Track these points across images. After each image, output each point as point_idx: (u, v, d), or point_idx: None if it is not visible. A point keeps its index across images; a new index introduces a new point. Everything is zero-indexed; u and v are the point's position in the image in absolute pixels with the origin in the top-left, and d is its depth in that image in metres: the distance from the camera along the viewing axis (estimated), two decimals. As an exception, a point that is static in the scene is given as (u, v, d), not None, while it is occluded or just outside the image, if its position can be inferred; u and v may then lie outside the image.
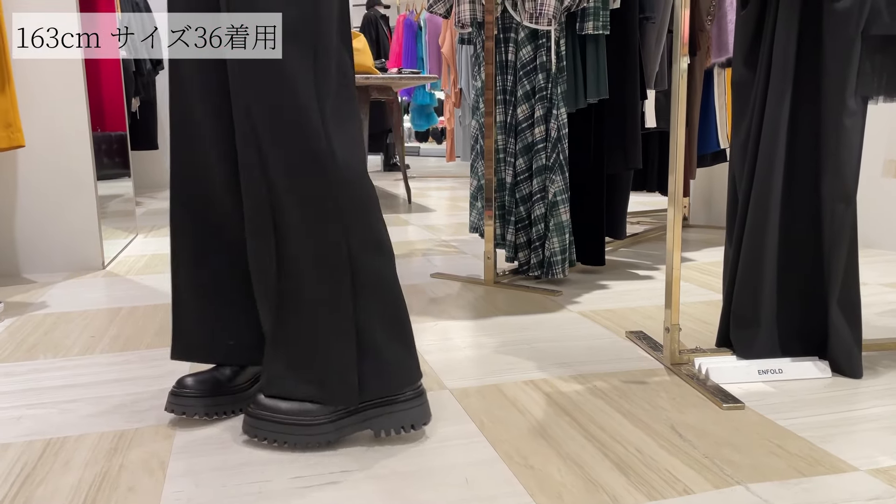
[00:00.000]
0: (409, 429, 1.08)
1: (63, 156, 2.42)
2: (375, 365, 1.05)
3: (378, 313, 1.05)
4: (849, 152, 1.25)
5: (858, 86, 1.23)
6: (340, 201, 1.03)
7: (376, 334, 1.05)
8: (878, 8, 1.19)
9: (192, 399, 1.16)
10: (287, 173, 1.01)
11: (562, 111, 2.09)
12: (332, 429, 1.05)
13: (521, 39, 2.09)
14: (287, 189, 1.01)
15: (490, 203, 2.16)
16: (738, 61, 1.44)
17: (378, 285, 1.06)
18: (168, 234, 3.24)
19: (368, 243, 1.05)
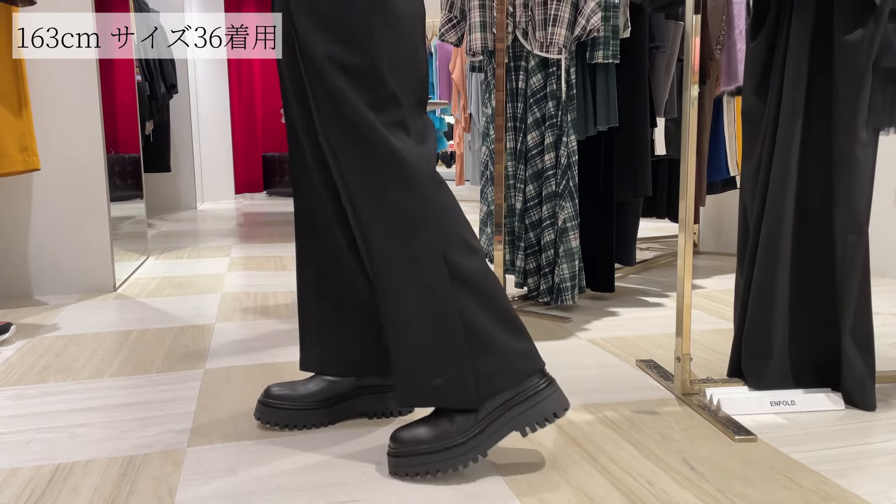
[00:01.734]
0: (552, 419, 1.07)
1: (77, 178, 2.45)
2: (493, 359, 1.06)
3: (483, 307, 1.06)
4: (860, 184, 1.25)
5: (870, 118, 1.23)
6: (428, 211, 1.05)
7: (487, 328, 1.05)
8: (889, 41, 1.19)
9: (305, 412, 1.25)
10: (366, 190, 1.04)
11: (572, 138, 2.10)
12: (473, 445, 1.05)
13: (532, 68, 2.11)
14: (373, 205, 1.04)
15: (500, 228, 2.16)
16: (748, 91, 1.45)
17: (476, 281, 1.06)
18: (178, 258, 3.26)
19: (460, 246, 1.07)
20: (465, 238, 1.07)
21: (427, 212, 1.04)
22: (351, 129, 1.02)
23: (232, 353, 1.75)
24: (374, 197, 1.04)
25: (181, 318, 2.10)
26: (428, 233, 1.04)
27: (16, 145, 2.17)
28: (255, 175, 8.09)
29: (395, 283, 1.05)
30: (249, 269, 2.97)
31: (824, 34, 1.27)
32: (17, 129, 2.17)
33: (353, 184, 1.04)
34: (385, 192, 1.03)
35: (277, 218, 5.34)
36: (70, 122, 2.43)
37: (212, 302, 2.33)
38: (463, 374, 1.04)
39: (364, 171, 1.03)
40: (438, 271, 1.03)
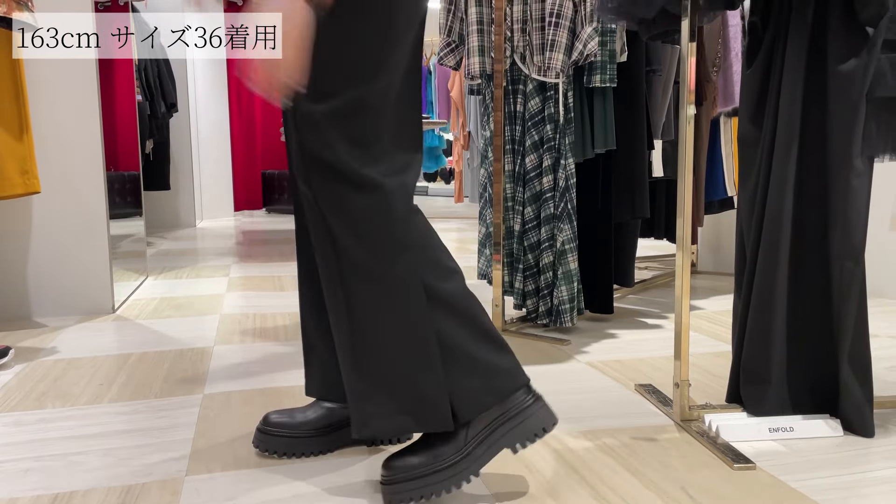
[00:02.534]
0: (541, 434, 1.08)
1: (77, 200, 2.46)
2: (477, 377, 1.06)
3: (462, 326, 1.06)
4: (856, 212, 1.26)
5: (864, 146, 1.24)
6: (407, 237, 1.05)
7: (467, 347, 1.06)
8: (882, 70, 1.21)
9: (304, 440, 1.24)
10: (338, 212, 1.04)
11: (570, 161, 2.11)
12: (464, 466, 1.05)
13: (530, 91, 2.13)
14: (346, 228, 1.04)
15: (498, 247, 2.17)
16: (744, 118, 1.46)
17: (454, 302, 1.06)
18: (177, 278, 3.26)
19: (438, 270, 1.07)
20: (442, 261, 1.07)
21: (406, 237, 1.05)
22: (326, 161, 1.02)
23: (231, 377, 1.75)
24: (352, 224, 1.04)
25: (180, 341, 2.10)
26: (406, 257, 1.04)
27: (16, 168, 2.18)
28: (254, 192, 8.10)
29: (368, 305, 1.05)
30: (248, 290, 2.97)
31: (818, 63, 1.28)
32: (18, 153, 2.18)
33: (330, 212, 1.04)
34: (365, 220, 1.03)
35: (276, 236, 5.35)
36: (70, 144, 2.44)
37: (210, 324, 2.33)
38: (435, 395, 1.04)
39: (340, 200, 1.03)
40: (415, 294, 1.03)
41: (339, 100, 1.02)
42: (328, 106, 1.01)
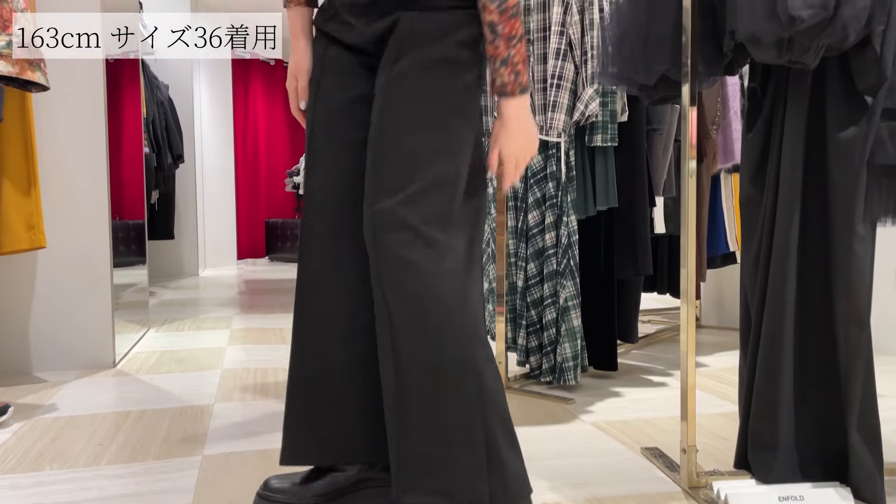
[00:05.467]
0: None
1: (81, 253, 2.47)
2: (501, 478, 1.07)
3: (498, 422, 1.08)
4: (860, 277, 1.26)
5: (866, 212, 1.25)
6: (462, 322, 1.08)
7: (500, 445, 1.07)
8: (882, 138, 1.22)
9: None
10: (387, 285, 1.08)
11: (572, 218, 2.12)
12: None
13: (532, 149, 2.15)
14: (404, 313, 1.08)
15: (501, 299, 2.16)
16: (745, 180, 1.48)
17: (493, 390, 1.09)
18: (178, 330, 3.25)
19: (483, 353, 1.10)
20: (485, 341, 1.10)
21: (461, 322, 1.07)
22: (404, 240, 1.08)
23: (230, 437, 1.72)
24: (410, 307, 1.07)
25: (180, 398, 2.08)
26: (460, 341, 1.06)
27: (23, 224, 2.20)
28: (257, 240, 8.15)
29: (423, 388, 1.06)
30: (249, 343, 2.95)
31: (818, 127, 1.30)
32: (25, 208, 2.20)
33: (390, 292, 1.07)
34: (422, 305, 1.06)
35: (279, 286, 5.35)
36: (77, 198, 2.46)
37: (211, 379, 2.31)
38: (481, 486, 1.05)
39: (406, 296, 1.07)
40: (469, 381, 1.06)
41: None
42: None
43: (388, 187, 1.09)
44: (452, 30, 1.13)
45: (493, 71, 1.17)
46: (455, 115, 1.15)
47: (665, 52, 1.44)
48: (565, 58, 2.04)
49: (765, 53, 1.21)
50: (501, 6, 1.12)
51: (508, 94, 1.17)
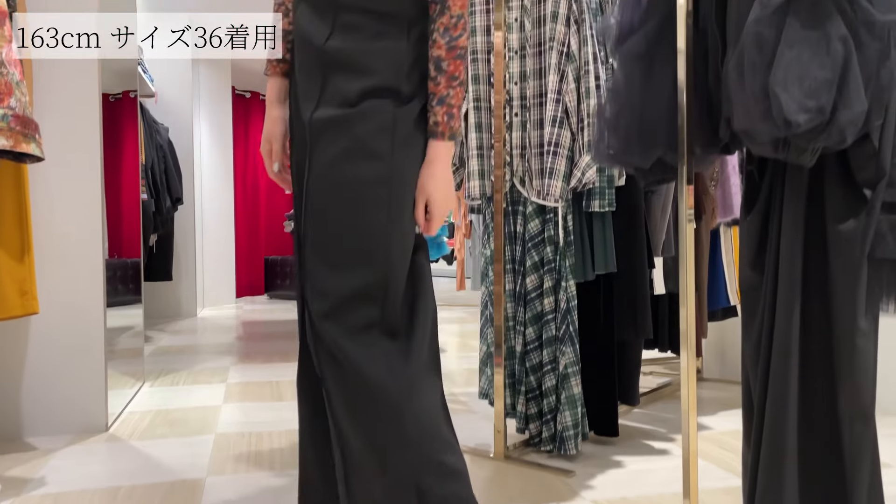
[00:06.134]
0: None
1: (74, 315, 2.44)
2: None
3: None
4: (863, 373, 1.23)
5: (868, 306, 1.23)
6: (404, 435, 1.04)
7: None
8: (882, 232, 1.20)
9: None
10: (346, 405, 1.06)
11: (570, 283, 2.10)
12: None
13: (530, 213, 2.14)
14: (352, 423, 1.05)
15: (500, 367, 2.13)
16: (744, 265, 1.45)
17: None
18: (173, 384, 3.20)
19: (436, 471, 1.05)
20: (442, 461, 1.04)
21: (403, 435, 1.02)
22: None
23: (222, 519, 1.68)
24: (351, 415, 1.03)
25: (171, 470, 2.04)
26: (404, 456, 1.02)
27: (15, 290, 2.18)
28: (256, 278, 8.12)
29: (365, 497, 1.02)
30: (246, 400, 2.91)
31: (817, 215, 1.28)
32: (18, 274, 2.18)
33: (335, 398, 1.04)
34: (363, 413, 1.03)
35: (277, 328, 5.31)
36: (71, 259, 2.44)
37: (205, 447, 2.27)
38: None
39: (343, 389, 1.03)
40: (407, 500, 1.01)
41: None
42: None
43: (317, 288, 1.09)
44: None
45: (427, 108, 1.16)
46: (375, 208, 1.12)
47: (661, 136, 1.43)
48: (562, 125, 2.04)
49: (760, 149, 1.19)
50: (451, 43, 1.12)
51: (439, 136, 1.15)
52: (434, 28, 1.14)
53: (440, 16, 1.13)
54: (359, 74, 1.11)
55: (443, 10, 1.12)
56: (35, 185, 2.34)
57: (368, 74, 1.11)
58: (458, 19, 1.12)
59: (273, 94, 1.29)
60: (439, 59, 1.13)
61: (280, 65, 1.28)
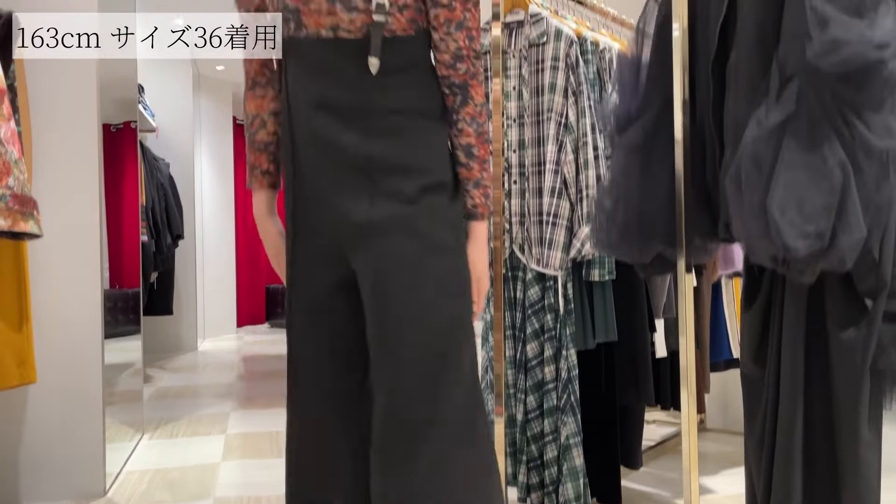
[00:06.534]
0: None
1: (73, 381, 2.43)
2: None
3: None
4: (867, 484, 1.22)
5: (871, 416, 1.21)
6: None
7: None
8: (884, 344, 1.19)
9: None
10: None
11: (571, 352, 2.08)
12: None
13: (530, 280, 2.13)
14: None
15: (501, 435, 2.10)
16: (745, 358, 1.44)
17: None
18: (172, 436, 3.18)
19: None
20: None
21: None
22: None
23: None
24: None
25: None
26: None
27: (13, 360, 2.16)
28: (257, 307, 8.11)
29: None
30: (245, 457, 2.89)
31: (818, 324, 1.27)
32: (16, 344, 2.17)
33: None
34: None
35: (278, 365, 5.29)
36: (69, 322, 2.43)
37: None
38: None
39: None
40: None
41: None
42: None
43: (409, 389, 1.11)
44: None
45: (462, 192, 1.20)
46: (456, 300, 1.16)
47: (659, 229, 1.43)
48: (560, 196, 2.03)
49: (759, 260, 1.18)
50: (478, 130, 1.17)
51: (479, 217, 1.20)
52: (459, 118, 1.18)
53: (464, 105, 1.17)
54: (414, 173, 1.13)
55: (465, 100, 1.17)
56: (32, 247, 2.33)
57: (423, 172, 1.14)
58: (482, 107, 1.18)
59: (264, 208, 1.27)
60: (469, 146, 1.17)
61: (266, 177, 1.26)
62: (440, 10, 1.10)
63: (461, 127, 1.17)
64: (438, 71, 1.16)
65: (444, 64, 1.15)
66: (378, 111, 1.12)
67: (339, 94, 1.10)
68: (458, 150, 1.18)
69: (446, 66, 1.15)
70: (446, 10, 1.10)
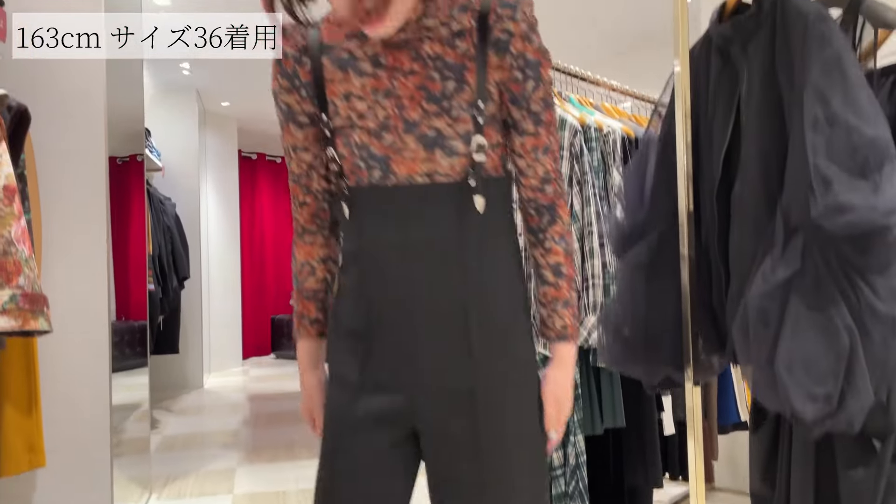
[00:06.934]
0: None
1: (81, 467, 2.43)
2: None
3: None
4: None
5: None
6: None
7: None
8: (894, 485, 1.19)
9: None
10: None
11: (579, 438, 2.08)
12: None
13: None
14: None
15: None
16: (755, 476, 1.44)
17: None
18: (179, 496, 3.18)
19: None
20: None
21: None
22: None
23: None
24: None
25: None
26: None
27: (23, 446, 2.17)
28: (263, 338, 8.12)
29: None
30: (253, 523, 2.89)
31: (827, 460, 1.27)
32: (26, 429, 2.18)
33: None
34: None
35: (284, 405, 5.29)
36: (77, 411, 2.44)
37: None
38: None
39: None
40: None
41: None
42: None
43: None
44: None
45: (550, 313, 1.14)
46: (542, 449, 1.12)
47: (667, 352, 1.43)
48: (567, 284, 2.04)
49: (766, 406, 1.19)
50: (567, 248, 1.13)
51: (570, 338, 1.15)
52: (547, 237, 1.13)
53: (552, 224, 1.13)
54: (503, 323, 1.07)
55: (553, 219, 1.13)
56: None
57: (510, 323, 1.08)
58: (569, 226, 1.15)
59: (308, 360, 1.21)
60: (558, 265, 1.13)
61: (314, 326, 1.20)
62: (526, 137, 1.10)
63: (549, 246, 1.13)
64: (524, 194, 1.14)
65: (531, 188, 1.13)
66: (475, 254, 1.06)
67: (434, 237, 1.05)
68: (545, 270, 1.14)
69: (534, 190, 1.13)
70: (532, 137, 1.09)
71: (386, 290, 1.06)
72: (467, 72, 1.04)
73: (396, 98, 1.05)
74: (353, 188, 1.08)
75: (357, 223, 1.09)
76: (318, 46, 1.09)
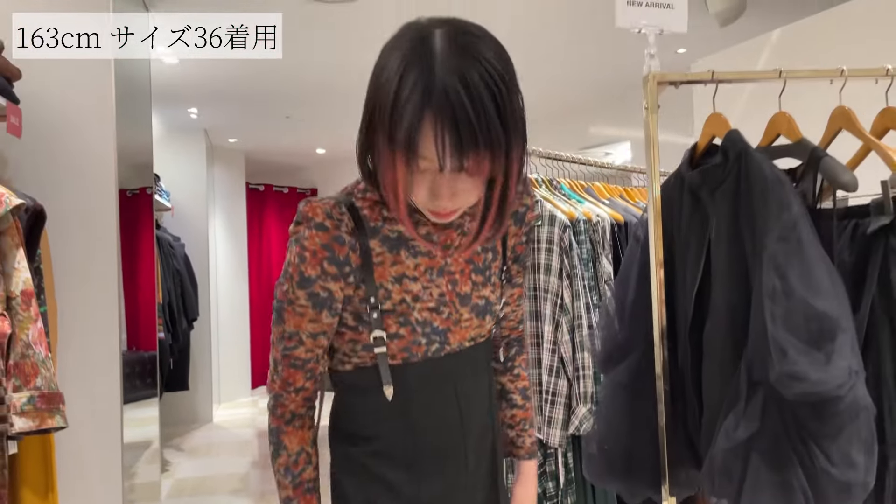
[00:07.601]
0: None
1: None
2: None
3: None
4: None
5: None
6: None
7: None
8: None
9: None
10: None
11: (572, 520, 2.16)
12: None
13: (531, 445, 2.21)
14: None
15: None
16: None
17: None
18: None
19: None
20: None
21: None
22: None
23: None
24: None
25: None
26: None
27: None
28: (271, 366, 8.20)
29: None
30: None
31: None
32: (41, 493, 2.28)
33: None
34: None
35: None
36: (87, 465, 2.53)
37: None
38: None
39: None
40: None
41: None
42: None
43: None
44: None
45: (519, 433, 1.30)
46: None
47: (647, 475, 1.49)
48: (558, 374, 2.12)
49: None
50: (529, 374, 1.33)
51: (535, 454, 1.32)
52: (516, 365, 1.30)
53: (520, 354, 1.31)
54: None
55: (521, 350, 1.32)
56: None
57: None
58: (529, 357, 1.30)
59: None
60: (525, 389, 1.30)
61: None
62: (516, 289, 1.25)
63: (517, 372, 1.30)
64: (502, 333, 1.29)
65: (510, 328, 1.30)
66: (491, 394, 1.20)
67: (477, 391, 1.15)
68: (514, 395, 1.29)
69: (511, 329, 1.30)
70: (519, 288, 1.26)
71: (432, 452, 1.10)
72: (497, 241, 1.17)
73: (450, 274, 1.08)
74: (399, 366, 1.05)
75: (403, 398, 1.05)
76: (367, 229, 1.02)
